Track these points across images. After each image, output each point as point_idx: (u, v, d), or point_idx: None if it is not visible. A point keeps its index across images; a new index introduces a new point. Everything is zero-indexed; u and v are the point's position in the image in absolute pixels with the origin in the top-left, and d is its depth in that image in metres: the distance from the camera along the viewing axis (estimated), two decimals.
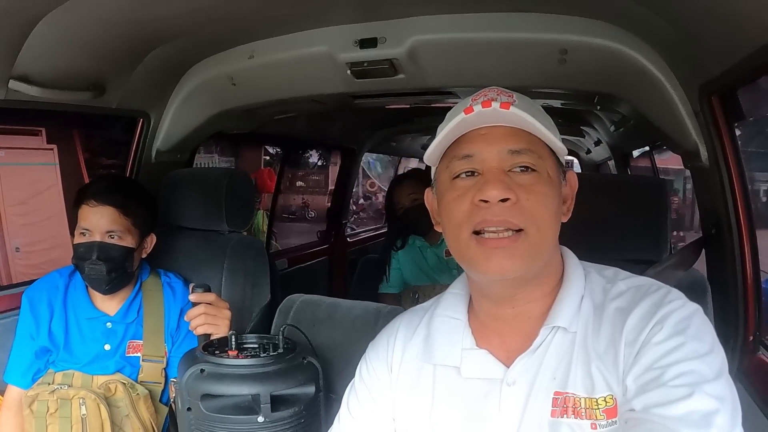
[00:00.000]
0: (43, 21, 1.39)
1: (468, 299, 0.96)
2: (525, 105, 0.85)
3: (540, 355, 0.84)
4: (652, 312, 0.79)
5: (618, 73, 1.59)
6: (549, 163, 0.85)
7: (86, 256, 1.57)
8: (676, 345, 0.74)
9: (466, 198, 0.83)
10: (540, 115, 0.86)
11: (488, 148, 0.84)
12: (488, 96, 0.86)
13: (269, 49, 1.85)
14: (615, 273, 0.91)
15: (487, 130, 0.84)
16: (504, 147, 0.83)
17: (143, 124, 2.13)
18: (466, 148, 0.85)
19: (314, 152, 8.10)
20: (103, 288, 1.61)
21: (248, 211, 2.09)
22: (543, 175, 0.84)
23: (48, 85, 1.61)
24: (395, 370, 0.97)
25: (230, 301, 1.47)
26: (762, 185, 6.92)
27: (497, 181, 0.81)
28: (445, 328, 0.94)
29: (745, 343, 1.48)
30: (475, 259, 0.83)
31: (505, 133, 0.84)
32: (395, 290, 2.70)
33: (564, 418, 0.79)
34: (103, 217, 1.58)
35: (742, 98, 1.33)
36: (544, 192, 0.83)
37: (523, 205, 0.81)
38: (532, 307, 0.88)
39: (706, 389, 0.70)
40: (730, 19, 1.10)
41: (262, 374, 1.16)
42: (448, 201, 0.86)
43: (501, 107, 0.81)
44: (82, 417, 1.52)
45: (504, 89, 0.88)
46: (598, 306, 0.85)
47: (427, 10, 1.63)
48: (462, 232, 0.84)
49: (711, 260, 1.67)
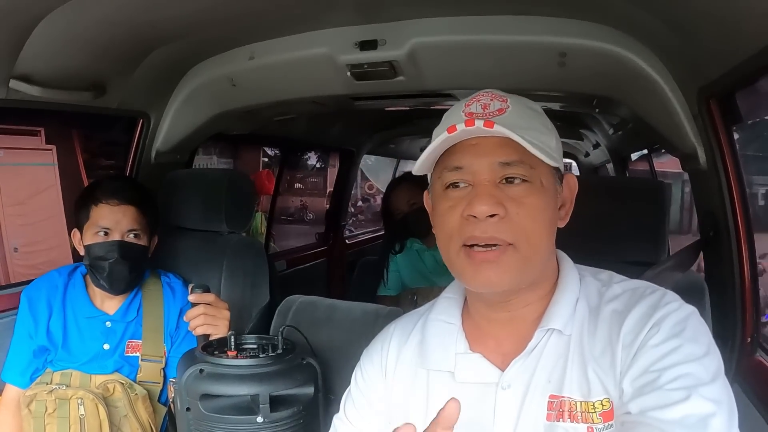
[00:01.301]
0: (44, 21, 1.39)
1: (462, 303, 0.96)
2: (515, 114, 0.83)
3: (535, 357, 0.84)
4: (648, 314, 0.79)
5: (617, 76, 1.59)
6: (542, 171, 0.84)
7: (108, 257, 1.57)
8: (673, 348, 0.74)
9: (457, 210, 0.83)
10: (534, 122, 0.84)
11: (478, 160, 0.82)
12: (481, 102, 0.85)
13: (269, 51, 1.85)
14: (610, 276, 0.91)
15: (477, 141, 0.83)
16: (494, 159, 0.82)
17: (143, 125, 2.14)
18: (457, 159, 0.84)
19: (313, 154, 8.11)
20: (122, 288, 1.62)
21: (248, 211, 2.10)
22: (535, 185, 0.82)
23: (49, 84, 1.61)
24: (390, 376, 0.96)
25: (229, 301, 1.47)
26: (760, 188, 6.93)
27: (486, 196, 0.80)
28: (439, 333, 0.93)
29: (742, 345, 1.48)
30: (464, 271, 0.83)
31: (496, 144, 0.82)
32: (393, 293, 2.69)
33: (560, 422, 0.79)
34: (125, 216, 1.59)
35: (740, 101, 1.34)
36: (535, 204, 0.82)
37: (513, 219, 0.80)
38: (528, 311, 0.88)
39: (702, 392, 0.70)
40: (728, 23, 1.11)
41: (261, 374, 1.16)
42: (440, 211, 0.86)
43: (485, 125, 0.79)
44: (81, 417, 1.52)
45: (499, 93, 0.87)
46: (593, 309, 0.85)
47: (427, 12, 1.63)
48: (452, 244, 0.84)
49: (709, 262, 1.68)
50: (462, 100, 0.89)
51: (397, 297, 2.66)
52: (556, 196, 0.87)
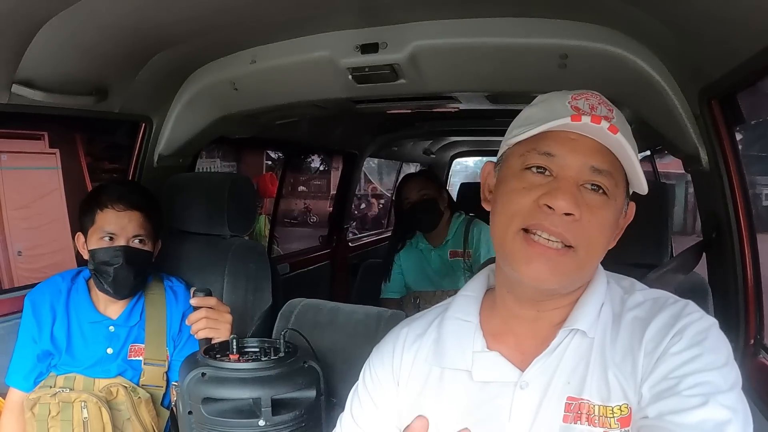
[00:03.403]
0: (46, 26, 1.40)
1: (481, 301, 0.96)
2: (624, 129, 0.82)
3: (557, 357, 0.84)
4: (671, 323, 0.79)
5: (618, 77, 1.59)
6: (620, 191, 0.84)
7: (113, 262, 1.58)
8: (693, 356, 0.75)
9: (531, 194, 0.81)
10: (633, 142, 0.83)
11: (573, 156, 0.81)
12: (589, 101, 0.83)
13: (271, 55, 1.86)
14: (632, 283, 0.90)
15: (577, 136, 0.82)
16: (588, 161, 0.81)
17: (145, 129, 2.14)
18: (551, 146, 0.82)
19: (316, 157, 8.11)
20: (125, 293, 1.63)
21: (250, 215, 2.10)
22: (612, 201, 0.82)
23: (51, 89, 1.62)
24: (402, 375, 0.95)
25: (232, 305, 1.47)
26: (763, 189, 6.91)
27: (569, 194, 0.79)
28: (456, 331, 0.92)
29: (746, 347, 1.48)
30: (516, 256, 0.82)
31: (594, 148, 0.81)
32: (396, 295, 2.70)
33: (577, 425, 0.78)
34: (131, 221, 1.60)
35: (741, 102, 1.33)
36: (606, 218, 0.82)
37: (584, 225, 0.80)
38: (555, 314, 0.88)
39: (720, 399, 0.71)
40: (728, 23, 1.10)
41: (263, 378, 1.16)
42: (510, 189, 0.84)
43: (609, 130, 0.78)
44: (84, 420, 1.52)
45: (605, 99, 0.85)
46: (616, 315, 0.85)
47: (428, 15, 1.64)
48: (512, 224, 0.82)
49: (712, 264, 1.67)
50: (562, 91, 0.87)
51: (400, 300, 2.67)
52: (620, 218, 0.87)
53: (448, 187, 5.03)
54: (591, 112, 0.82)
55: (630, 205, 0.89)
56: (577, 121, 0.79)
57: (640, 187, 0.85)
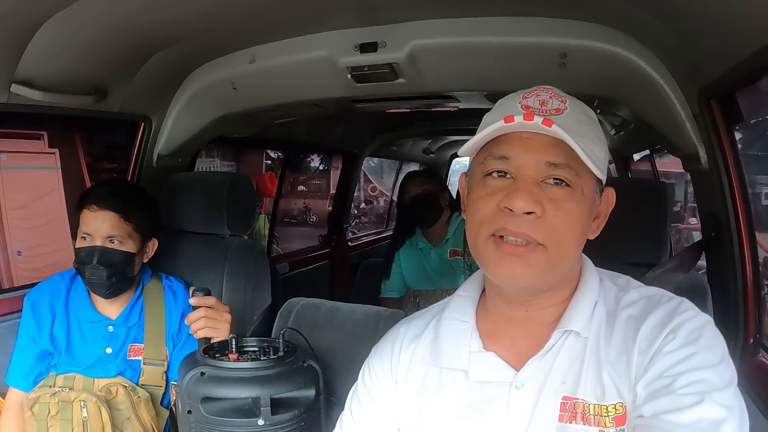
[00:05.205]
0: (45, 25, 1.40)
1: (477, 301, 0.96)
2: (573, 118, 0.82)
3: (551, 358, 0.84)
4: (665, 321, 0.79)
5: (617, 76, 1.59)
6: (586, 180, 0.83)
7: (87, 261, 1.58)
8: (688, 354, 0.74)
9: (493, 199, 0.82)
10: (588, 129, 0.83)
11: (526, 154, 0.81)
12: (539, 97, 0.84)
13: (270, 54, 1.86)
14: (627, 281, 0.90)
15: (529, 135, 0.82)
16: (542, 157, 0.81)
17: (145, 129, 2.14)
18: (504, 149, 0.83)
19: (315, 156, 8.10)
20: (104, 292, 1.62)
21: (249, 214, 2.10)
22: (577, 192, 0.82)
23: (50, 89, 1.62)
24: (400, 374, 0.96)
25: (231, 304, 1.47)
26: (762, 188, 6.90)
27: (527, 192, 0.79)
28: (453, 331, 0.93)
29: (745, 346, 1.48)
30: (489, 260, 0.83)
31: (547, 143, 0.81)
32: (396, 294, 2.70)
33: (572, 424, 0.79)
34: (104, 222, 1.59)
35: (741, 101, 1.33)
36: (573, 210, 0.81)
37: (548, 221, 0.80)
38: (546, 313, 0.88)
39: (715, 398, 0.70)
40: (728, 22, 1.10)
41: (262, 377, 1.16)
42: (475, 197, 0.85)
43: (543, 123, 0.78)
44: (83, 419, 1.52)
45: (558, 93, 0.85)
46: (610, 313, 0.85)
47: (427, 14, 1.64)
48: (481, 232, 0.83)
49: (711, 263, 1.67)
50: (519, 91, 0.87)
51: (399, 299, 2.67)
52: (593, 207, 0.86)
53: (448, 186, 5.03)
54: (541, 107, 0.83)
55: (606, 190, 0.89)
56: (529, 120, 0.79)
57: (598, 174, 0.83)
